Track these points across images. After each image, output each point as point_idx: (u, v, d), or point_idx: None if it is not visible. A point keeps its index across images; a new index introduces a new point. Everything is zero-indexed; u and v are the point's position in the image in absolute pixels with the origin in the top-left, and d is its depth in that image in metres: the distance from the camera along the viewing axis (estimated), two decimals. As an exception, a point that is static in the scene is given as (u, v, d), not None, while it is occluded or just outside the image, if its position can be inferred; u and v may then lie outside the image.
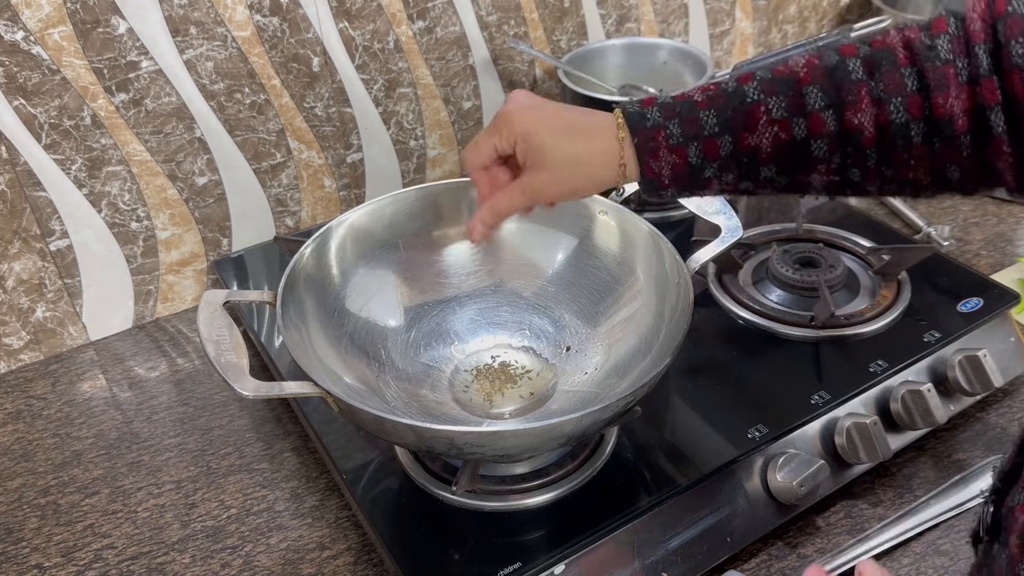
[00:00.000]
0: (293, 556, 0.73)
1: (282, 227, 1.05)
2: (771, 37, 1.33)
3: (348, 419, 0.65)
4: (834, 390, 0.77)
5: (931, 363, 0.81)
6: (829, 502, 0.75)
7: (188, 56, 0.89)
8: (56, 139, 0.86)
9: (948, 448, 0.80)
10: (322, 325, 0.74)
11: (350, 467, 0.74)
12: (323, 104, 1.00)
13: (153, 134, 0.90)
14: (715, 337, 0.86)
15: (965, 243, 1.04)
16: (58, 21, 0.81)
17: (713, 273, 0.92)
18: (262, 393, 0.59)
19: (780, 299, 0.89)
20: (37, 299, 0.92)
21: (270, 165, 1.00)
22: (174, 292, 1.00)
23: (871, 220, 1.02)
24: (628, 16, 1.17)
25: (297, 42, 0.94)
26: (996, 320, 0.85)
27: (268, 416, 0.87)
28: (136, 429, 0.86)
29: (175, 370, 0.93)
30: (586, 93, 1.03)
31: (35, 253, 0.89)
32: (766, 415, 0.75)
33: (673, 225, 1.01)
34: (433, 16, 1.02)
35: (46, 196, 0.87)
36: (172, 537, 0.75)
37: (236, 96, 0.93)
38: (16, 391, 0.91)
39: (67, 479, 0.81)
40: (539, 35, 1.11)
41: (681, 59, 1.12)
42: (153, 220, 0.95)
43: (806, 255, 0.92)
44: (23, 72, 0.81)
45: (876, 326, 0.84)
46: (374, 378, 0.76)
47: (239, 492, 0.78)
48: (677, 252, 0.72)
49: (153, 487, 0.79)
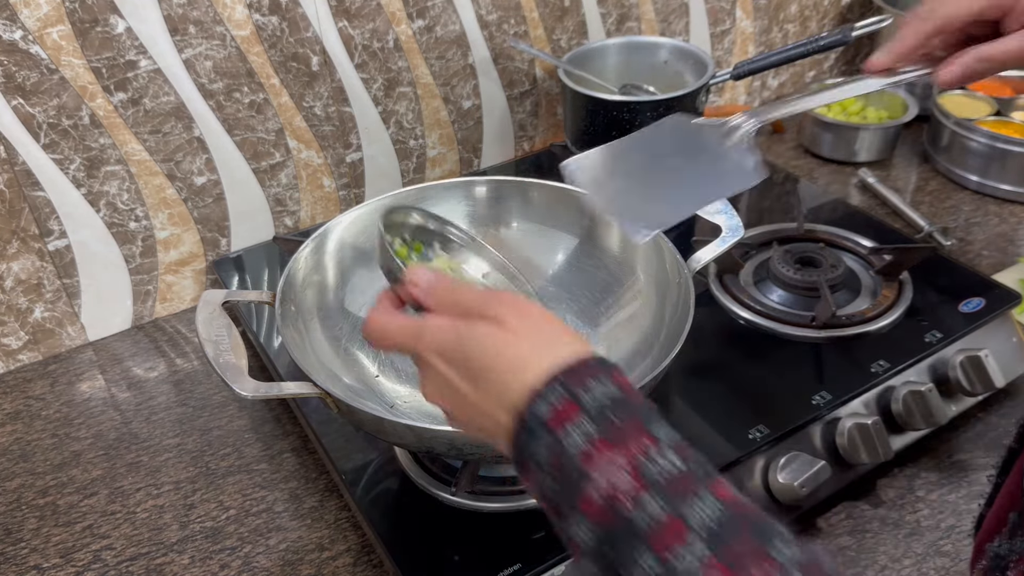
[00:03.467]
0: (292, 557, 0.72)
1: (281, 227, 1.05)
2: (772, 36, 1.33)
3: (347, 419, 0.65)
4: (835, 390, 0.77)
5: (932, 363, 0.81)
6: (831, 503, 0.75)
7: (187, 55, 0.89)
8: (55, 139, 0.85)
9: (950, 448, 0.80)
10: (321, 325, 0.74)
11: (349, 468, 0.74)
12: (322, 103, 0.99)
13: (152, 133, 0.90)
14: (716, 337, 0.85)
15: (967, 243, 1.03)
16: (56, 20, 0.81)
17: (714, 273, 0.92)
18: (261, 393, 0.59)
19: (781, 299, 0.88)
20: (35, 299, 0.91)
21: (269, 165, 0.99)
22: (173, 292, 1.00)
23: (872, 220, 1.02)
24: (628, 15, 1.17)
25: (296, 41, 0.94)
26: (998, 320, 0.85)
27: (267, 416, 0.86)
28: (135, 430, 0.85)
29: (174, 370, 0.93)
30: (587, 92, 1.03)
31: (33, 253, 0.89)
32: (767, 415, 0.75)
33: (673, 225, 1.01)
34: (433, 15, 1.02)
35: (44, 196, 0.87)
36: (171, 538, 0.74)
37: (235, 95, 0.93)
38: (15, 391, 0.91)
39: (66, 480, 0.80)
40: (539, 34, 1.11)
41: (682, 58, 1.11)
42: (152, 220, 0.94)
43: (807, 255, 0.92)
44: (22, 71, 0.81)
45: (877, 326, 0.84)
46: (373, 378, 0.76)
47: (238, 493, 0.78)
48: (678, 252, 0.72)
49: (152, 488, 0.79)
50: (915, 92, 1.24)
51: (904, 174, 1.17)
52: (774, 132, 1.27)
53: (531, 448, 0.40)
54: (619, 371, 0.41)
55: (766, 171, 0.61)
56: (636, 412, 0.39)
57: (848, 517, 0.74)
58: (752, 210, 1.06)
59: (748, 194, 1.10)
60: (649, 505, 0.36)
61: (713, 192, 0.64)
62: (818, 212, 1.03)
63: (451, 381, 0.45)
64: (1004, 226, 1.06)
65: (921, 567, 0.69)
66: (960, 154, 1.13)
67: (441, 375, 0.45)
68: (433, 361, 0.46)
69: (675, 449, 0.38)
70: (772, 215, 1.03)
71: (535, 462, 0.40)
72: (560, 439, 0.39)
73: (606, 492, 0.37)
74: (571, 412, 0.39)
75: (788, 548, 0.34)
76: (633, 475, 0.36)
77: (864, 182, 1.14)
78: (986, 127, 1.11)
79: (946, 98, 1.20)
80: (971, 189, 1.12)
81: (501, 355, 0.43)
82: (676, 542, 0.34)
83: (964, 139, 1.11)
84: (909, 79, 0.64)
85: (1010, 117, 1.15)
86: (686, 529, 0.35)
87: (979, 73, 0.61)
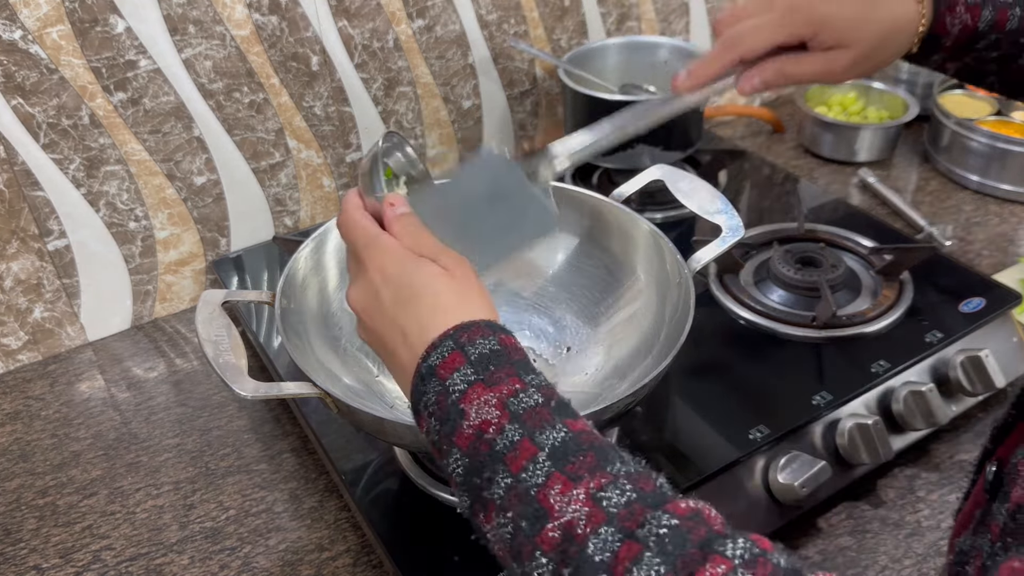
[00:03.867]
0: (292, 557, 0.72)
1: (281, 227, 1.04)
2: (772, 36, 1.33)
3: (347, 420, 0.64)
4: (836, 390, 0.77)
5: (933, 363, 0.81)
6: (831, 503, 0.75)
7: (187, 55, 0.89)
8: (54, 138, 0.85)
9: (950, 449, 0.80)
10: (321, 325, 0.74)
11: (349, 468, 0.74)
12: (322, 103, 0.99)
13: (151, 133, 0.90)
14: (716, 337, 0.85)
15: (967, 243, 1.03)
16: (56, 20, 0.81)
17: (714, 273, 0.92)
18: (261, 394, 0.59)
19: (781, 299, 0.88)
20: (35, 299, 0.91)
21: (269, 164, 0.99)
22: (172, 292, 1.00)
23: (873, 220, 1.01)
24: (629, 15, 1.17)
25: (296, 41, 0.94)
26: (998, 320, 0.85)
27: (267, 417, 0.86)
28: (134, 430, 0.85)
29: (173, 370, 0.92)
30: (587, 92, 1.03)
31: (33, 253, 0.89)
32: (767, 416, 0.75)
33: (674, 225, 1.01)
34: (433, 15, 1.02)
35: (44, 196, 0.87)
36: (170, 538, 0.74)
37: (235, 95, 0.93)
38: (14, 391, 0.91)
39: (65, 480, 0.80)
40: (539, 34, 1.11)
41: (682, 58, 1.11)
42: (151, 220, 0.94)
43: (808, 255, 0.91)
44: (21, 71, 0.81)
45: (878, 326, 0.84)
46: (373, 378, 0.76)
47: (238, 493, 0.78)
48: (678, 252, 0.72)
49: (151, 488, 0.79)
50: (916, 92, 1.24)
51: (904, 174, 1.17)
52: (774, 132, 1.27)
53: (424, 394, 0.46)
54: (508, 335, 0.47)
55: (558, 223, 0.59)
56: (512, 363, 0.45)
57: (848, 517, 0.74)
58: (752, 210, 1.06)
59: (748, 194, 1.10)
60: (509, 432, 0.41)
61: (512, 243, 0.60)
62: (818, 212, 1.03)
63: (380, 295, 0.50)
64: (1004, 226, 1.06)
65: (922, 567, 0.69)
66: (960, 154, 1.13)
67: (373, 287, 0.50)
68: (372, 272, 0.50)
69: (540, 390, 0.44)
70: (772, 215, 1.03)
71: (425, 407, 0.45)
72: (445, 383, 0.44)
73: (476, 424, 0.42)
74: (457, 361, 0.45)
75: (624, 465, 0.40)
76: (499, 409, 0.42)
77: (864, 182, 1.14)
78: (987, 127, 1.11)
79: (946, 98, 1.20)
80: (971, 189, 1.12)
81: (437, 295, 0.48)
82: (527, 459, 0.40)
83: (965, 139, 1.11)
84: (711, 93, 0.66)
85: (1010, 117, 1.15)
86: (537, 450, 0.40)
87: (779, 86, 0.64)
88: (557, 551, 0.37)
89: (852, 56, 0.62)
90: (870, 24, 0.61)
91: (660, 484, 0.39)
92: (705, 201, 0.76)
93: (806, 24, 0.61)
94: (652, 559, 0.34)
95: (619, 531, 0.36)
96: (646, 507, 0.37)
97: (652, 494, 0.38)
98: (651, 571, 0.34)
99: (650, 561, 0.34)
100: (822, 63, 0.62)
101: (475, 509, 0.43)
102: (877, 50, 0.62)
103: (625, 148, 0.87)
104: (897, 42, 0.63)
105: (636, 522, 0.36)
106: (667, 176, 0.76)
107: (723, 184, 1.10)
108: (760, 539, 0.35)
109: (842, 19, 0.61)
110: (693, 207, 0.78)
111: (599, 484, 0.38)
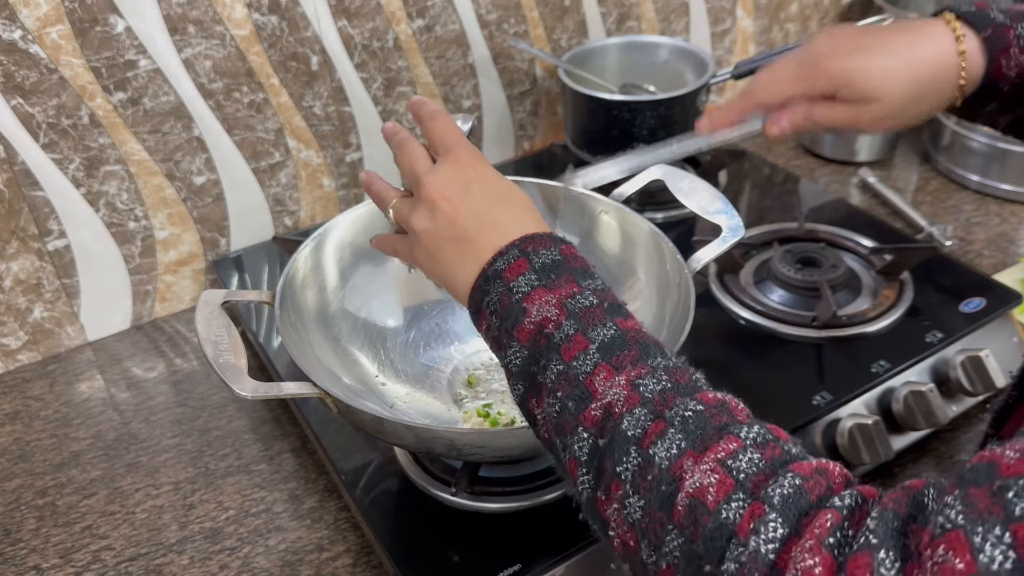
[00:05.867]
0: (292, 558, 0.72)
1: (281, 227, 1.04)
2: (772, 35, 1.33)
3: (347, 420, 0.64)
4: (836, 390, 0.77)
5: (933, 363, 0.81)
6: (831, 503, 0.74)
7: (186, 55, 0.88)
8: (54, 138, 0.85)
9: (951, 449, 0.80)
10: (321, 325, 0.74)
11: (349, 468, 0.74)
12: (322, 103, 0.99)
13: (151, 133, 0.90)
14: (716, 337, 0.85)
15: (967, 243, 1.03)
16: (56, 20, 0.81)
17: (714, 273, 0.92)
18: (260, 394, 0.59)
19: (782, 299, 0.88)
20: (35, 299, 0.91)
21: (268, 164, 0.99)
22: (172, 292, 0.99)
23: (873, 220, 1.01)
24: (629, 14, 1.17)
25: (296, 40, 0.94)
26: (998, 320, 0.85)
27: (267, 417, 0.86)
28: (134, 430, 0.85)
29: (173, 370, 0.92)
30: (587, 92, 1.03)
31: (33, 253, 0.89)
32: (767, 416, 0.74)
33: (674, 225, 1.01)
34: (432, 14, 1.02)
35: (44, 196, 0.87)
36: (170, 538, 0.74)
37: (234, 95, 0.93)
38: (14, 391, 0.91)
39: (65, 480, 0.80)
40: (539, 33, 1.11)
41: (682, 58, 1.11)
42: (151, 220, 0.94)
43: (808, 255, 0.91)
44: (21, 71, 0.81)
45: (878, 326, 0.84)
46: (373, 379, 0.76)
47: (237, 493, 0.78)
48: (678, 252, 0.72)
49: (151, 488, 0.79)
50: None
51: (905, 174, 1.17)
52: (774, 132, 1.27)
53: (487, 294, 0.50)
54: (568, 245, 0.52)
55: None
56: (572, 271, 0.49)
57: (849, 517, 0.74)
58: (753, 210, 1.06)
59: (749, 194, 1.10)
60: (565, 327, 0.46)
61: None
62: (819, 212, 1.03)
63: (471, 187, 0.53)
64: (1005, 226, 1.06)
65: (922, 568, 0.69)
66: (961, 154, 1.12)
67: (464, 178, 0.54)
68: (466, 167, 0.54)
69: (595, 293, 0.48)
70: (773, 215, 1.03)
71: (487, 305, 0.50)
72: (510, 285, 0.49)
73: (537, 320, 0.47)
74: (522, 267, 0.49)
75: (664, 360, 0.45)
76: (558, 308, 0.47)
77: (865, 182, 1.14)
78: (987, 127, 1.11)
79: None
80: (972, 189, 1.12)
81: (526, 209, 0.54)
82: (579, 351, 0.45)
83: (965, 139, 1.11)
84: (738, 136, 0.67)
85: (1011, 117, 1.15)
86: (588, 343, 0.45)
87: (807, 130, 0.64)
88: (597, 426, 0.43)
89: (881, 111, 0.60)
90: (897, 79, 0.59)
91: (695, 378, 0.45)
92: (705, 201, 0.76)
93: (826, 79, 0.60)
94: (675, 435, 0.40)
95: (651, 412, 0.41)
96: (678, 395, 0.42)
97: (686, 385, 0.43)
98: (672, 444, 0.40)
99: (673, 436, 0.40)
100: (850, 114, 0.61)
101: (528, 396, 0.47)
102: (911, 103, 0.60)
103: (625, 148, 0.87)
104: (934, 94, 0.60)
105: (667, 406, 0.42)
106: (667, 176, 0.76)
107: (723, 184, 1.10)
108: (778, 430, 0.41)
109: (864, 74, 0.59)
110: (693, 207, 0.77)
111: (639, 373, 0.43)
